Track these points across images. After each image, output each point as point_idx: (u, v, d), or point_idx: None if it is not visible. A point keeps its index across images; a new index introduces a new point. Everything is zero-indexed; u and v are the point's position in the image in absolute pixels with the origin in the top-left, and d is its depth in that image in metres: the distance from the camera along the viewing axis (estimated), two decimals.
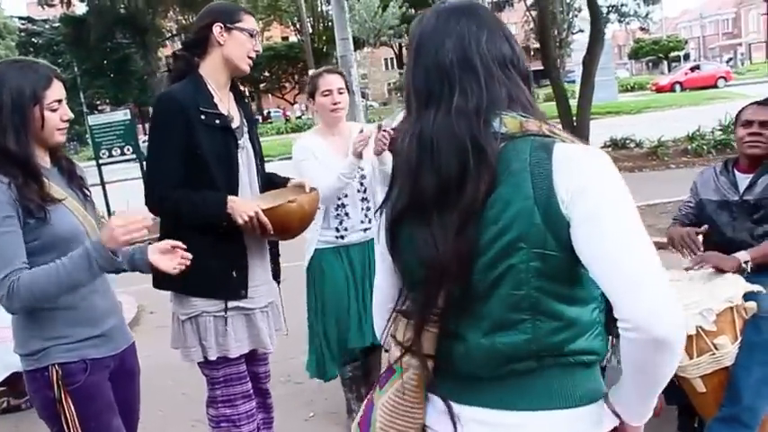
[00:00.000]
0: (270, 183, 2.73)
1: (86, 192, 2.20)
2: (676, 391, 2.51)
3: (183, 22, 34.18)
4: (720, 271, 2.64)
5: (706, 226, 2.90)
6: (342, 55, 12.27)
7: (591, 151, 1.23)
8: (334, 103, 3.23)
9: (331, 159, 3.21)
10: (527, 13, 48.36)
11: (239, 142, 2.52)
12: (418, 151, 1.26)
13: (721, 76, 34.98)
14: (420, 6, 41.82)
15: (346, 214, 3.27)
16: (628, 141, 12.54)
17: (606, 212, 1.16)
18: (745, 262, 2.67)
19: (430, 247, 1.24)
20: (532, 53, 59.35)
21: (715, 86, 32.88)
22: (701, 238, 2.89)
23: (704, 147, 11.27)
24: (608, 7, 41.35)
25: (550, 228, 1.18)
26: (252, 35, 2.49)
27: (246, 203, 2.41)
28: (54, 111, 2.00)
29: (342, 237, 3.28)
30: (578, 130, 11.55)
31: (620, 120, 19.55)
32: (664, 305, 1.14)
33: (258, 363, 2.72)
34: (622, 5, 38.43)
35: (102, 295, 2.12)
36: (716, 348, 2.42)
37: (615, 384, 1.30)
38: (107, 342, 2.12)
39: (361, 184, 3.29)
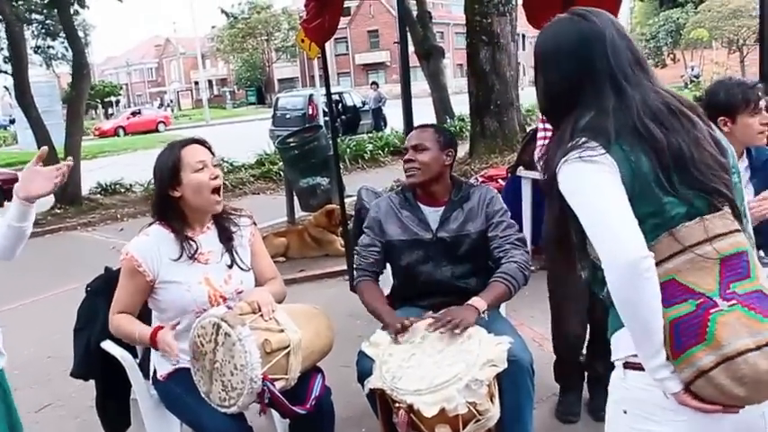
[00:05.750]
0: None
1: None
2: None
3: None
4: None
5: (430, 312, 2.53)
6: None
7: None
8: None
9: None
10: None
11: None
12: None
13: (161, 120, 36.79)
14: None
15: None
16: (118, 186, 11.84)
17: None
18: (483, 311, 2.43)
19: None
20: None
21: (156, 130, 34.22)
22: None
23: None
24: (33, 48, 39.05)
25: None
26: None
27: None
28: None
29: None
30: (71, 175, 10.25)
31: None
32: None
33: None
34: (49, 48, 36.56)
35: None
36: (480, 414, 2.14)
37: None
38: None
39: None
